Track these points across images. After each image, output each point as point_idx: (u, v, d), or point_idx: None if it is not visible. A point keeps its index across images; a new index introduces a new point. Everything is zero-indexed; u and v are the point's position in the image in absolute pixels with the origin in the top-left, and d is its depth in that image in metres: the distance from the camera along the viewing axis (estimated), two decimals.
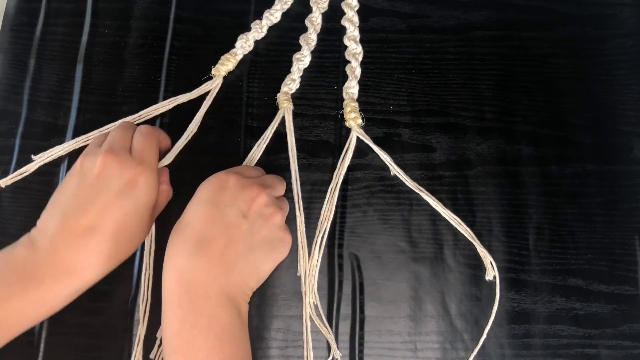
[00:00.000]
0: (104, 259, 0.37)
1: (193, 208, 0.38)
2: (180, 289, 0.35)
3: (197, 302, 0.35)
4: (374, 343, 0.43)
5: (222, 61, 0.48)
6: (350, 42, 0.50)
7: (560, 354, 0.43)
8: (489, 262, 0.44)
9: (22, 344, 0.42)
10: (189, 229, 0.37)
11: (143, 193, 0.38)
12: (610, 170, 0.47)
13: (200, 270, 0.36)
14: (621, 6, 0.52)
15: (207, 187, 0.39)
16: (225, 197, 0.38)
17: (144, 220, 0.39)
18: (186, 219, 0.38)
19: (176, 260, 0.36)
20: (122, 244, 0.38)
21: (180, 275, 0.36)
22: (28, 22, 0.51)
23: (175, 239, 0.37)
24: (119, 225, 0.37)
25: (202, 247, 0.36)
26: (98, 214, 0.37)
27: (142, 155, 0.40)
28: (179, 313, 0.35)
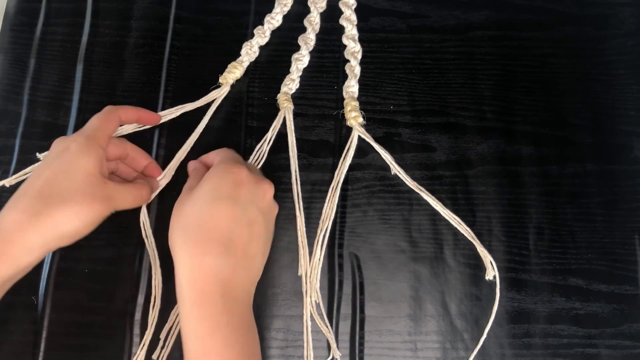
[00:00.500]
0: (30, 214, 0.36)
1: (210, 204, 0.37)
2: (212, 287, 0.35)
3: (229, 301, 0.36)
4: (374, 343, 0.43)
5: (229, 69, 0.48)
6: (349, 41, 0.50)
7: (561, 354, 0.43)
8: (489, 261, 0.44)
9: (22, 344, 0.43)
10: (211, 227, 0.37)
11: (73, 155, 0.38)
12: (610, 170, 0.47)
13: (229, 269, 0.36)
14: (621, 6, 0.52)
15: (221, 181, 0.39)
16: (244, 194, 0.38)
17: (76, 181, 0.38)
18: (205, 214, 0.37)
19: (205, 260, 0.36)
20: (48, 200, 0.36)
21: (210, 274, 0.36)
22: (28, 22, 0.51)
23: (197, 237, 0.36)
24: (45, 182, 0.37)
25: (229, 246, 0.36)
26: (31, 178, 0.38)
27: (85, 127, 0.41)
28: (210, 313, 0.35)
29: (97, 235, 0.44)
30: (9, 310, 0.43)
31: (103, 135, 0.40)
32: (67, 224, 0.37)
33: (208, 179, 0.39)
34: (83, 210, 0.37)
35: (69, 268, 0.44)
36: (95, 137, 0.40)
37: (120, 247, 0.45)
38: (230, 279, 0.36)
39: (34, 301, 0.43)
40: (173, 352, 0.42)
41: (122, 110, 0.43)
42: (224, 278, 0.36)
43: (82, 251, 0.44)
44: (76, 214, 0.37)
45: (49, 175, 0.37)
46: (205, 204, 0.37)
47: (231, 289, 0.36)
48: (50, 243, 0.37)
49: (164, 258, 0.44)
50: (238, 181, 0.39)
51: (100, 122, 0.41)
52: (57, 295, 0.44)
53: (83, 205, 0.37)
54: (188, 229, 0.37)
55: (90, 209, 0.37)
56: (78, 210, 0.37)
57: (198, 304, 0.35)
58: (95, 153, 0.39)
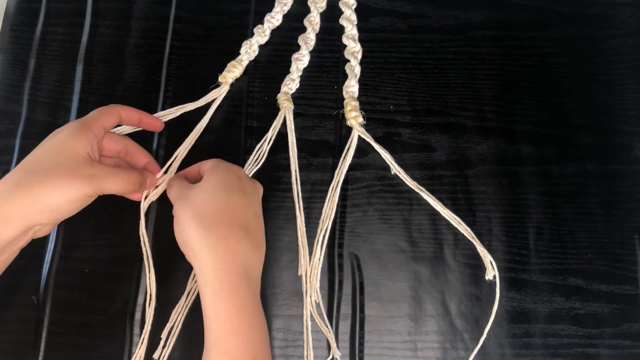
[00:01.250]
0: (11, 185, 0.36)
1: (225, 193, 0.39)
2: (238, 269, 0.37)
3: (252, 283, 0.38)
4: (374, 343, 0.43)
5: (229, 68, 0.48)
6: (349, 40, 0.50)
7: (560, 354, 0.43)
8: (489, 261, 0.44)
9: (23, 344, 0.43)
10: (230, 214, 0.38)
11: (62, 135, 0.39)
12: (610, 169, 0.47)
13: (250, 251, 0.38)
14: (621, 6, 0.52)
15: (228, 176, 0.40)
16: (248, 188, 0.41)
17: (61, 157, 0.38)
18: (222, 202, 0.39)
19: (230, 242, 0.37)
20: (30, 173, 0.37)
21: (236, 256, 0.37)
22: (28, 22, 0.51)
23: (219, 222, 0.38)
24: (32, 159, 0.38)
25: (248, 231, 0.39)
26: (26, 158, 0.38)
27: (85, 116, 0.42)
28: (239, 292, 0.36)
29: (97, 236, 0.45)
30: (9, 310, 0.43)
31: (97, 124, 0.41)
32: (46, 197, 0.36)
33: (215, 174, 0.40)
34: (63, 184, 0.37)
35: (69, 268, 0.44)
36: (88, 123, 0.40)
37: (120, 247, 0.45)
38: (251, 262, 0.38)
39: (34, 301, 0.43)
40: (172, 352, 0.42)
41: (123, 108, 0.43)
42: (246, 260, 0.38)
43: (82, 251, 0.44)
44: (56, 187, 0.37)
45: (37, 153, 0.39)
46: (219, 194, 0.39)
47: (251, 272, 0.38)
48: (30, 216, 0.36)
49: (162, 258, 0.44)
50: (241, 176, 0.41)
51: (97, 113, 0.42)
52: (58, 295, 0.44)
53: (63, 179, 0.37)
54: (207, 217, 0.38)
55: (71, 184, 0.37)
56: (58, 184, 0.37)
57: (227, 283, 0.36)
58: (85, 136, 0.39)
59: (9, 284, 0.39)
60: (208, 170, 0.41)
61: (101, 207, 0.41)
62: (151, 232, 0.45)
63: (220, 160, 0.42)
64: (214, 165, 0.42)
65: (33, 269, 0.44)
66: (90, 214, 0.40)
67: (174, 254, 0.44)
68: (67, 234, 0.45)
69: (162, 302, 0.43)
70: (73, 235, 0.45)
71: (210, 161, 0.43)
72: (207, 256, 0.36)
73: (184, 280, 0.44)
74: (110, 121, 0.42)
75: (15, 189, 0.36)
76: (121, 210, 0.45)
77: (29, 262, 0.43)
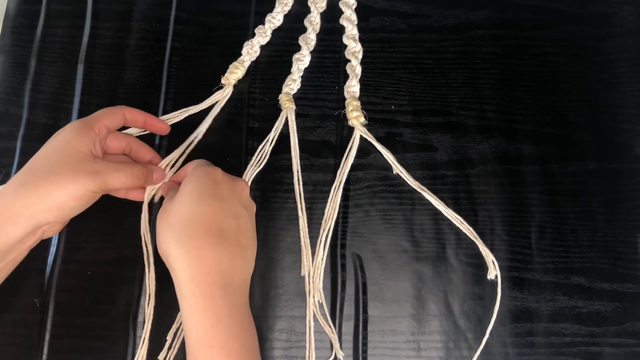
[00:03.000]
0: (17, 185, 0.37)
1: (197, 201, 0.38)
2: (212, 280, 0.36)
3: (230, 292, 0.36)
4: (378, 343, 0.43)
5: (231, 70, 0.48)
6: (350, 40, 0.50)
7: (564, 352, 0.44)
8: (491, 261, 0.44)
9: (25, 347, 0.42)
10: (203, 222, 0.37)
11: (65, 134, 0.40)
12: (612, 168, 0.48)
13: (226, 259, 0.37)
14: (621, 4, 0.52)
15: (201, 181, 0.39)
16: (224, 190, 0.40)
17: (64, 156, 0.38)
18: (193, 211, 0.38)
19: (203, 252, 0.36)
20: (36, 172, 0.37)
21: (209, 266, 0.36)
22: (28, 24, 0.51)
23: (191, 232, 0.37)
24: (37, 159, 0.39)
25: (222, 238, 0.37)
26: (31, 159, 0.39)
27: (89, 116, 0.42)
28: (213, 305, 0.35)
29: (99, 238, 0.45)
30: (12, 312, 0.43)
31: (99, 123, 0.41)
32: (51, 195, 0.37)
33: (188, 183, 0.39)
34: (68, 181, 0.37)
35: (72, 270, 0.44)
36: (90, 122, 0.41)
37: (122, 250, 0.44)
38: (229, 270, 0.37)
39: (36, 304, 0.43)
40: (177, 354, 0.42)
41: (128, 110, 0.44)
42: (222, 269, 0.36)
43: (85, 253, 0.44)
44: (62, 185, 0.37)
45: (42, 153, 0.39)
46: (191, 203, 0.38)
47: (230, 280, 0.37)
48: (36, 215, 0.37)
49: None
50: (217, 180, 0.40)
51: (101, 112, 0.42)
52: (60, 297, 0.43)
53: (68, 177, 0.37)
54: (180, 227, 0.37)
55: (76, 182, 0.37)
56: (63, 182, 0.37)
57: (200, 296, 0.35)
58: (87, 134, 0.40)
59: (11, 286, 0.39)
60: (185, 178, 0.40)
61: (103, 209, 0.41)
62: (154, 232, 0.45)
63: (199, 164, 0.42)
64: (190, 171, 0.41)
65: (35, 272, 0.44)
66: (93, 217, 0.40)
67: None
68: (70, 236, 0.45)
69: (167, 304, 0.43)
70: (75, 238, 0.45)
71: (191, 164, 0.42)
72: (180, 269, 0.36)
73: None
74: (114, 122, 0.42)
75: (21, 188, 0.36)
76: (123, 212, 0.45)
77: (32, 265, 0.43)
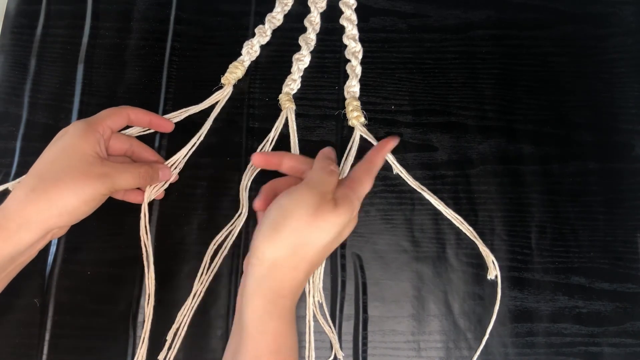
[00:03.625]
0: (27, 190, 0.37)
1: (332, 244, 0.39)
2: (291, 294, 0.38)
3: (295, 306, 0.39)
4: (378, 343, 0.43)
5: (231, 70, 0.48)
6: (350, 40, 0.50)
7: (564, 352, 0.44)
8: (491, 261, 0.44)
9: (26, 347, 0.42)
10: (318, 257, 0.38)
11: (70, 136, 0.40)
12: (612, 168, 0.48)
13: (303, 281, 0.39)
14: (621, 4, 0.52)
15: (346, 229, 0.40)
16: (346, 234, 0.41)
17: (71, 159, 0.39)
18: (324, 250, 0.38)
19: (296, 275, 0.38)
20: (45, 177, 0.38)
21: (291, 288, 0.38)
22: (28, 24, 0.51)
23: (306, 258, 0.37)
24: (44, 162, 0.39)
25: (313, 267, 0.39)
26: (35, 163, 0.39)
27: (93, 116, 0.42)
28: (285, 315, 0.37)
29: (99, 238, 0.45)
30: (12, 312, 0.43)
31: (103, 123, 0.41)
32: (62, 200, 0.37)
33: (339, 218, 0.37)
34: (78, 185, 0.38)
35: (72, 270, 0.44)
36: (94, 123, 0.41)
37: (122, 250, 0.44)
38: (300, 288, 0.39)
39: (36, 304, 0.43)
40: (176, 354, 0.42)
41: (132, 109, 0.44)
42: (298, 296, 0.39)
43: (85, 253, 0.44)
44: (71, 190, 0.37)
45: (48, 156, 0.39)
46: (327, 244, 0.38)
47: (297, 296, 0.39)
48: (48, 220, 0.37)
49: (165, 259, 0.44)
50: (351, 228, 0.41)
51: (105, 113, 0.42)
52: (60, 298, 0.43)
53: (78, 181, 0.38)
54: (306, 255, 0.37)
55: (85, 185, 0.38)
56: (73, 186, 0.37)
57: (278, 305, 0.37)
58: (92, 136, 0.40)
59: (12, 287, 0.39)
60: (340, 208, 0.38)
61: (103, 209, 0.41)
62: (154, 233, 0.45)
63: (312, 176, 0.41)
64: (347, 204, 0.39)
65: (35, 272, 0.44)
66: (93, 217, 0.40)
67: (176, 255, 0.44)
68: (70, 236, 0.44)
69: (166, 304, 0.43)
70: (75, 238, 0.45)
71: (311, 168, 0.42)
72: (280, 280, 0.37)
73: (187, 282, 0.44)
74: (118, 122, 0.43)
75: (32, 194, 0.37)
76: (123, 212, 0.45)
77: (32, 265, 0.43)
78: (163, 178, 0.44)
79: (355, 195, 0.40)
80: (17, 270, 0.39)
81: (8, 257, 0.37)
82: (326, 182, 0.39)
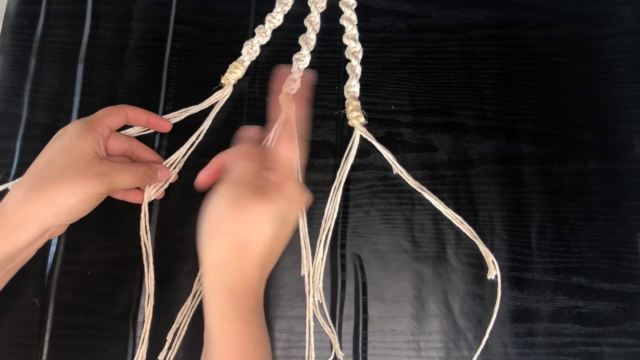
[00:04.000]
0: (25, 189, 0.37)
1: (280, 230, 0.37)
2: (250, 296, 0.36)
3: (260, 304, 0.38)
4: (378, 343, 0.43)
5: (231, 69, 0.48)
6: (350, 40, 0.50)
7: (564, 352, 0.43)
8: (491, 261, 0.44)
9: (25, 347, 0.42)
10: (272, 250, 0.37)
11: (69, 135, 0.40)
12: (612, 168, 0.48)
13: (263, 281, 0.38)
14: (621, 4, 0.52)
15: (291, 209, 0.37)
16: (296, 218, 0.40)
17: (70, 158, 0.38)
18: (273, 237, 0.36)
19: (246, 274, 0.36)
20: (43, 176, 0.38)
21: (250, 289, 0.36)
22: (28, 24, 0.51)
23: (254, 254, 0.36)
24: (43, 161, 0.39)
25: (270, 261, 0.38)
26: (34, 162, 0.39)
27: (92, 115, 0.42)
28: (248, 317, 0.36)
29: (99, 238, 0.45)
30: (12, 312, 0.43)
31: (102, 122, 0.41)
32: (61, 199, 0.37)
33: (267, 206, 0.35)
34: (76, 185, 0.38)
35: (72, 270, 0.44)
36: (93, 122, 0.41)
37: (122, 250, 0.44)
38: (261, 286, 0.37)
39: (36, 304, 0.43)
40: (176, 354, 0.42)
41: (130, 108, 0.44)
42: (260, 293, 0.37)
43: (85, 253, 0.44)
44: (70, 189, 0.37)
45: (47, 155, 0.39)
46: (270, 235, 0.36)
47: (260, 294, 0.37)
48: (46, 219, 0.37)
49: (165, 259, 0.44)
50: (298, 208, 0.38)
51: (103, 112, 0.42)
52: (60, 297, 0.43)
53: (76, 180, 0.38)
54: (250, 253, 0.35)
55: (84, 184, 0.38)
56: (71, 185, 0.37)
57: (235, 308, 0.35)
58: (90, 135, 0.40)
59: (11, 286, 0.39)
60: (278, 188, 0.37)
61: (103, 209, 0.41)
62: (153, 233, 0.45)
63: (235, 159, 0.39)
64: (284, 182, 0.37)
65: (35, 272, 0.44)
66: (93, 216, 0.40)
67: (177, 254, 0.44)
68: (70, 236, 0.45)
69: (166, 303, 0.43)
70: (75, 238, 0.45)
71: (229, 156, 0.40)
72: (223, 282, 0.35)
73: (187, 282, 0.44)
74: (117, 121, 0.43)
75: (30, 193, 0.37)
76: (123, 212, 0.45)
77: (32, 265, 0.43)
78: (162, 178, 0.44)
79: (282, 174, 0.37)
80: (16, 269, 0.39)
81: (6, 255, 0.37)
82: (242, 171, 0.36)
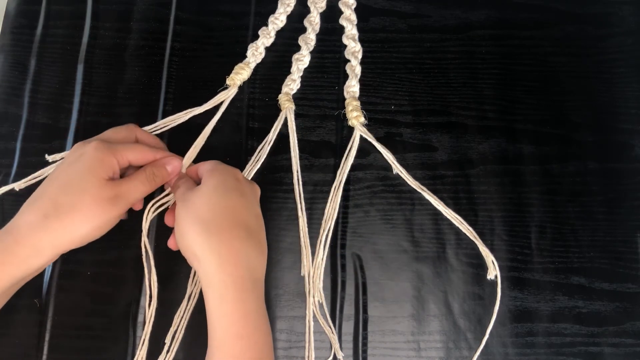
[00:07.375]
0: (40, 216, 0.37)
1: (224, 195, 0.38)
2: (243, 272, 0.36)
3: (257, 285, 0.37)
4: (378, 343, 0.43)
5: (237, 70, 0.48)
6: (349, 40, 0.50)
7: (564, 352, 0.44)
8: (491, 261, 0.44)
9: (26, 347, 0.42)
10: (232, 215, 0.38)
11: (87, 158, 0.38)
12: (612, 168, 0.48)
13: (254, 253, 0.38)
14: (621, 4, 0.52)
15: (228, 178, 0.40)
16: (246, 189, 0.40)
17: (87, 187, 0.38)
18: (222, 204, 0.38)
19: (233, 244, 0.37)
20: (59, 205, 0.37)
21: (239, 259, 0.37)
22: (28, 25, 0.51)
23: (221, 224, 0.37)
24: (59, 187, 0.38)
25: (250, 232, 0.38)
26: (48, 180, 0.39)
27: (103, 135, 0.42)
28: (243, 296, 0.36)
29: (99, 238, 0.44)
30: (12, 313, 0.43)
31: (124, 156, 0.40)
32: (76, 228, 0.37)
33: (213, 176, 0.39)
34: (92, 212, 0.38)
35: (72, 271, 0.44)
36: (115, 152, 0.40)
37: (123, 250, 0.44)
38: (255, 264, 0.38)
39: (36, 304, 0.43)
40: (176, 354, 0.42)
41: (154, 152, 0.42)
42: (250, 263, 0.37)
43: (85, 254, 0.44)
44: (86, 218, 0.37)
45: (64, 180, 0.38)
46: (219, 196, 0.38)
47: (256, 274, 0.38)
48: (60, 246, 0.37)
49: (165, 260, 0.44)
50: (239, 178, 0.41)
51: (114, 132, 0.42)
52: (60, 298, 0.43)
53: (92, 208, 0.38)
54: (207, 220, 0.37)
55: (100, 212, 0.38)
56: (88, 213, 0.37)
57: (232, 286, 0.36)
58: (109, 162, 0.39)
59: None
60: (206, 173, 0.40)
61: None
62: (153, 234, 0.45)
63: (218, 162, 0.42)
64: (212, 167, 0.41)
65: None
66: None
67: (175, 256, 0.44)
68: None
69: (165, 304, 0.43)
70: None
71: (208, 163, 0.42)
72: (210, 260, 0.36)
73: (186, 283, 0.44)
74: (138, 158, 0.42)
75: (45, 220, 0.36)
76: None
77: None
78: (173, 171, 0.43)
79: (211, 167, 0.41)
80: (21, 284, 0.39)
81: (18, 279, 0.37)
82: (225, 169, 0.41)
